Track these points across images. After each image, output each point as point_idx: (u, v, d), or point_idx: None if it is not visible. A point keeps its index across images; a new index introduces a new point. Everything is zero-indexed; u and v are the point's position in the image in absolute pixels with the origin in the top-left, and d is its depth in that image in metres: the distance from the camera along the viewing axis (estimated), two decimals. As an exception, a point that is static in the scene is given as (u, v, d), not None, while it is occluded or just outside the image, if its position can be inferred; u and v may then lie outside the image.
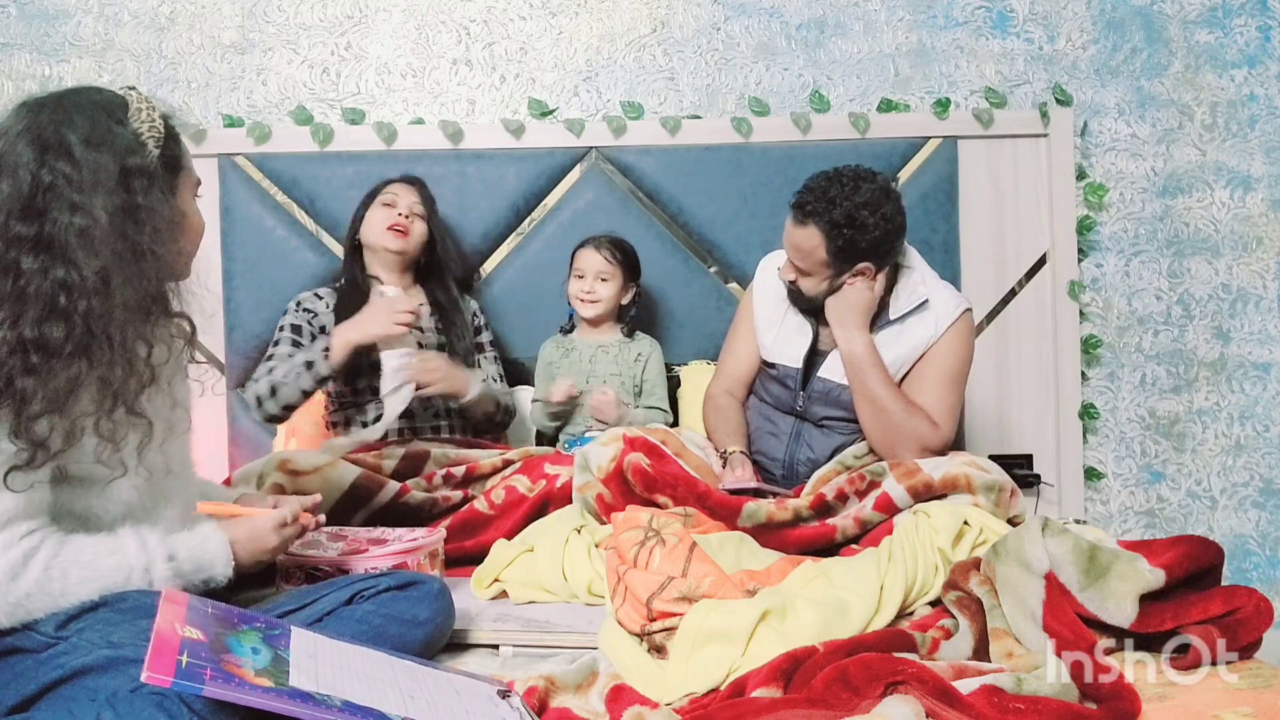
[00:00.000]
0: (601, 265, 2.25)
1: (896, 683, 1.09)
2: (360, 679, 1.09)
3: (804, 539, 1.69)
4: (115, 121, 1.17)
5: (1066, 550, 1.27)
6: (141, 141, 1.19)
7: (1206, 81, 2.63)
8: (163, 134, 1.22)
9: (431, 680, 1.17)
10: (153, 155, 1.19)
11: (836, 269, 1.88)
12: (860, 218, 1.81)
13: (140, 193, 1.16)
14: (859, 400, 1.88)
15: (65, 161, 1.12)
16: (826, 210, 1.82)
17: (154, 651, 0.97)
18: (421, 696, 1.10)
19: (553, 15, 2.65)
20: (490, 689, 1.18)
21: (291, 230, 2.54)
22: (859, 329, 1.87)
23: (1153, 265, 2.65)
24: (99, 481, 1.18)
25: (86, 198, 1.12)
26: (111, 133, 1.16)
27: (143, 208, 1.16)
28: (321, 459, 1.80)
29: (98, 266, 1.11)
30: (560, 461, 1.89)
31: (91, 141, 1.14)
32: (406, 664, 1.17)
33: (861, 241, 1.83)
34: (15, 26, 2.64)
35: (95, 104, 1.18)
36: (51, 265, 1.10)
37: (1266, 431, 2.64)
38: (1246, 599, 1.20)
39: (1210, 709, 1.06)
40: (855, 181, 1.84)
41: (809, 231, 1.85)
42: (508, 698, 1.16)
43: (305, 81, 2.64)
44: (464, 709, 1.10)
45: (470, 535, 1.81)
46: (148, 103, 1.22)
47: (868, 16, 2.64)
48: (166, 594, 1.08)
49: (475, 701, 1.13)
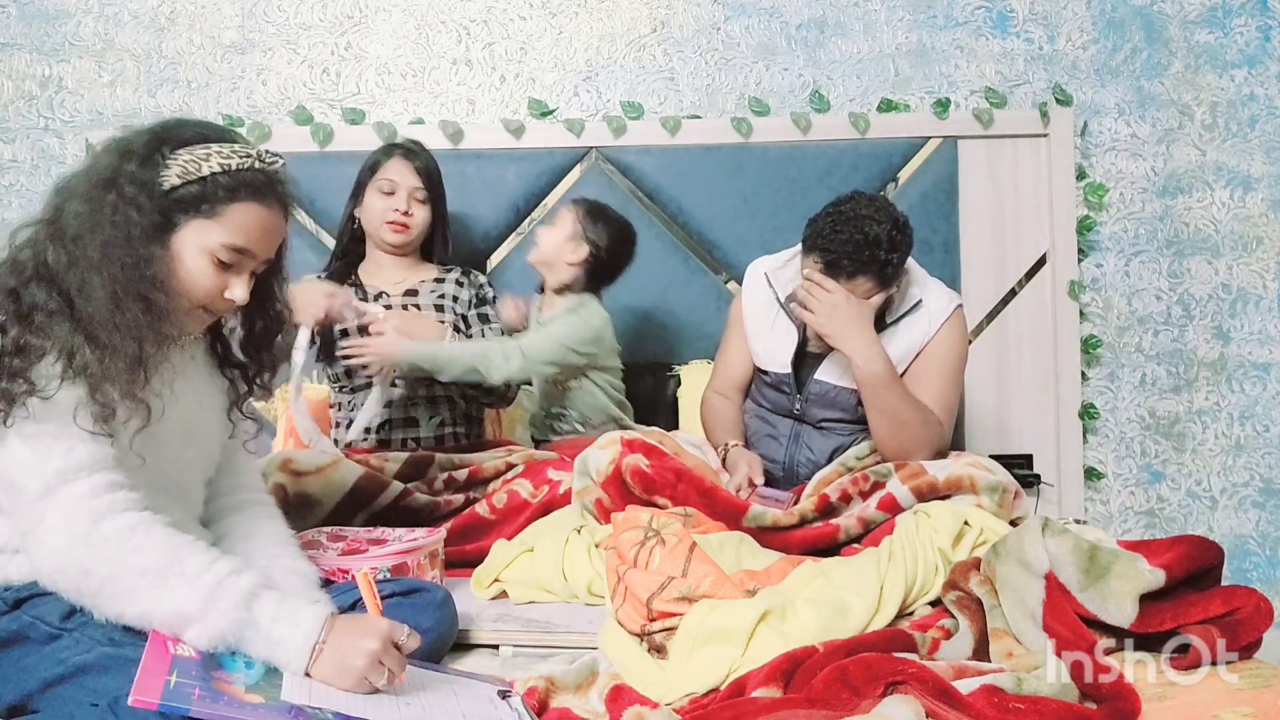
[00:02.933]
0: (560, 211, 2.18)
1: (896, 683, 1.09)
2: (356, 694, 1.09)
3: (807, 539, 1.69)
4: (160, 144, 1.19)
5: (1066, 550, 1.27)
6: (165, 164, 1.17)
7: (1206, 81, 2.63)
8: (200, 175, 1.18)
9: (430, 683, 1.17)
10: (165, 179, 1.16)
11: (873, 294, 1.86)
12: (894, 241, 1.80)
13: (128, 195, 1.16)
14: (876, 414, 1.84)
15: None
16: (873, 258, 1.79)
17: (143, 671, 0.98)
18: (418, 702, 1.10)
19: (553, 15, 2.65)
20: (491, 689, 1.18)
21: (291, 230, 2.53)
22: (876, 344, 1.83)
23: (1153, 265, 2.65)
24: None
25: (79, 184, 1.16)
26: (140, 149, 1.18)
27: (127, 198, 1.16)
28: (324, 459, 1.80)
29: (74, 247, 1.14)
30: (563, 467, 1.88)
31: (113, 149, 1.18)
32: (407, 668, 1.18)
33: (900, 262, 1.84)
34: (15, 26, 2.64)
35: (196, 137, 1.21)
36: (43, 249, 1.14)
37: (1266, 431, 2.64)
38: (1246, 599, 1.20)
39: (1210, 709, 1.06)
40: (874, 213, 1.80)
41: (858, 282, 1.82)
42: (508, 698, 1.16)
43: (305, 81, 2.64)
44: (461, 712, 1.10)
45: (471, 540, 1.80)
46: (238, 148, 1.22)
47: (868, 16, 2.64)
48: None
49: (474, 704, 1.13)
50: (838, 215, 1.82)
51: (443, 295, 2.20)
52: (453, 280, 2.23)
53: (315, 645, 1.08)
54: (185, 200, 1.17)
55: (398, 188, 2.15)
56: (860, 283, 1.82)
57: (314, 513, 1.74)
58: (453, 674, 1.23)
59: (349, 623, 1.12)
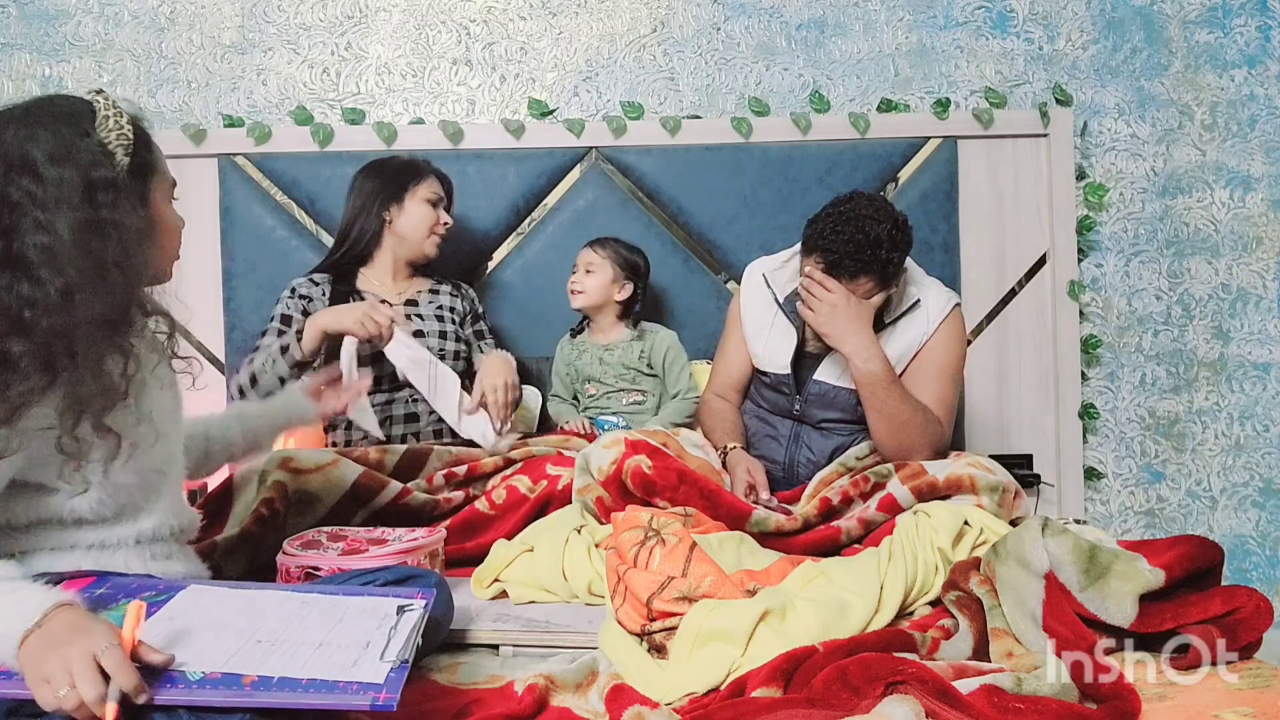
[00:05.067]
0: (591, 258, 2.28)
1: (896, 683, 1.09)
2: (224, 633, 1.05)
3: (808, 541, 1.69)
4: (81, 134, 1.14)
5: (1066, 550, 1.27)
6: (109, 151, 1.16)
7: (1206, 81, 2.63)
8: (131, 140, 1.18)
9: (317, 612, 1.12)
10: (121, 164, 1.17)
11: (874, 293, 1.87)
12: (895, 241, 1.81)
13: (107, 206, 1.14)
14: (875, 415, 1.84)
15: (30, 179, 1.10)
16: (875, 258, 1.80)
17: None
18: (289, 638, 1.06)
19: (553, 15, 2.65)
20: (392, 605, 1.15)
21: (291, 230, 2.54)
22: (874, 344, 1.83)
23: (1153, 265, 2.65)
24: (61, 492, 1.15)
25: (50, 215, 1.10)
26: (76, 146, 1.13)
27: (109, 221, 1.13)
28: (324, 458, 1.80)
29: (61, 284, 1.09)
30: (562, 463, 1.89)
31: (56, 157, 1.12)
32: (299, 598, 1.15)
33: (900, 262, 1.85)
34: (15, 26, 2.64)
35: (60, 116, 1.15)
36: (15, 282, 1.08)
37: (1266, 431, 2.64)
38: (1246, 599, 1.20)
39: (1210, 709, 1.06)
40: (874, 213, 1.81)
41: (860, 282, 1.83)
42: (405, 612, 1.13)
43: (305, 81, 2.64)
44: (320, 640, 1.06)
45: (471, 536, 1.81)
46: (115, 108, 1.18)
47: (868, 16, 2.64)
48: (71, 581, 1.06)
49: (353, 628, 1.09)
50: (838, 215, 1.82)
51: (440, 306, 2.26)
52: (446, 292, 2.30)
53: (24, 641, 0.95)
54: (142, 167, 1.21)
55: (441, 199, 2.26)
56: (862, 283, 1.82)
57: (314, 510, 1.74)
58: (355, 598, 1.18)
59: (72, 620, 0.96)
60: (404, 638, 1.07)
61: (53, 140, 1.12)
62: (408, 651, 1.04)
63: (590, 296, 2.27)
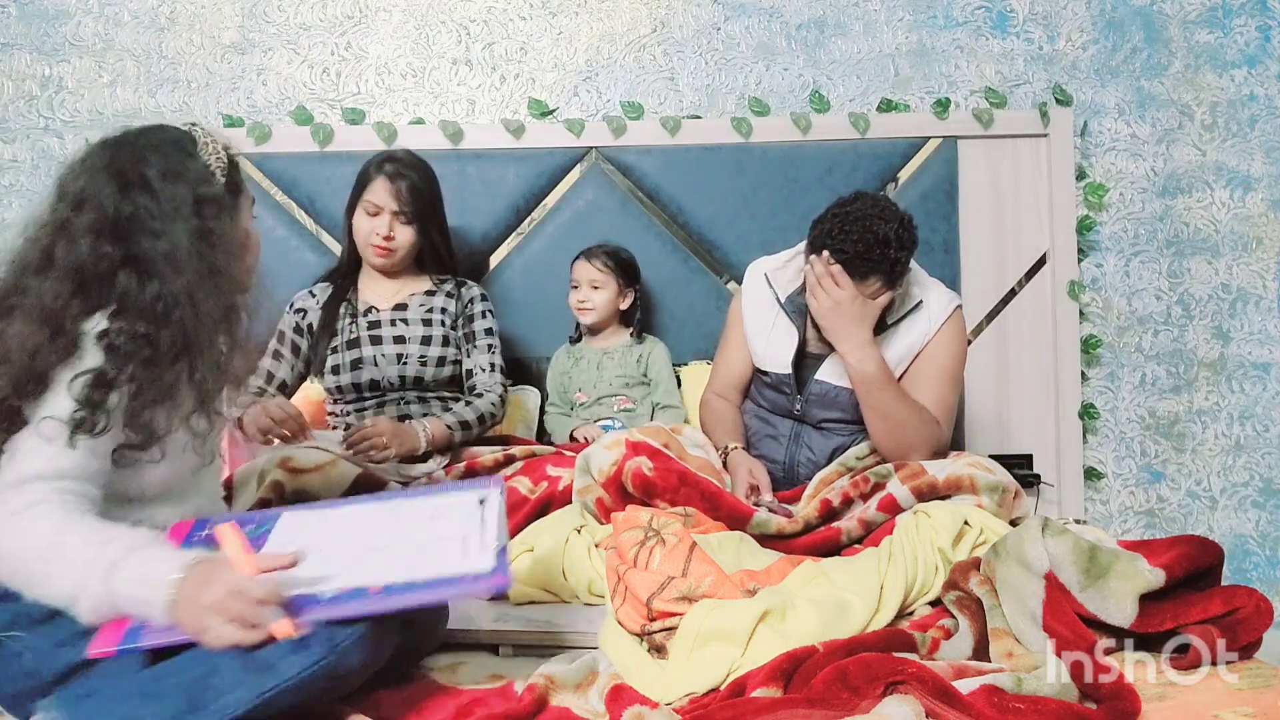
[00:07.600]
0: (593, 274, 2.30)
1: (896, 683, 1.09)
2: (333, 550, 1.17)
3: (809, 542, 1.69)
4: (187, 155, 1.30)
5: (1066, 550, 1.28)
6: (210, 171, 1.31)
7: (1206, 81, 2.63)
8: (226, 163, 1.34)
9: (408, 516, 1.24)
10: (219, 183, 1.32)
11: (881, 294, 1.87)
12: (903, 240, 1.81)
13: (212, 218, 1.28)
14: (871, 414, 1.85)
15: (145, 195, 1.25)
16: (884, 257, 1.79)
17: (105, 627, 1.07)
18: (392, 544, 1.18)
19: (553, 15, 2.65)
20: (472, 498, 1.26)
21: (291, 230, 2.54)
22: (870, 345, 1.83)
23: (1153, 265, 2.65)
24: (136, 465, 1.25)
25: (166, 225, 1.24)
26: (185, 166, 1.29)
27: (214, 231, 1.28)
28: (323, 457, 1.80)
29: (182, 283, 1.23)
30: (562, 464, 1.89)
31: (168, 175, 1.27)
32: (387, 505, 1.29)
33: (907, 261, 1.85)
34: (15, 26, 2.64)
35: (168, 140, 1.31)
36: (146, 281, 1.22)
37: (1266, 431, 2.64)
38: (1246, 599, 1.20)
39: (1210, 709, 1.06)
40: (880, 213, 1.81)
41: (869, 282, 1.82)
42: (485, 502, 1.24)
43: (305, 81, 2.64)
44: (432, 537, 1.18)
45: (470, 535, 1.81)
46: (211, 136, 1.35)
47: (868, 16, 2.64)
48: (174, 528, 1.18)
49: (446, 524, 1.21)
50: (845, 216, 1.81)
51: (430, 309, 2.21)
52: (444, 293, 2.25)
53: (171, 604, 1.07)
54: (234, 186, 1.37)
55: (381, 210, 2.13)
56: (870, 283, 1.82)
57: (313, 512, 1.74)
58: (437, 495, 1.31)
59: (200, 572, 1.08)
60: (495, 524, 1.19)
61: (164, 161, 1.28)
62: (504, 535, 1.19)
63: (600, 313, 2.31)
